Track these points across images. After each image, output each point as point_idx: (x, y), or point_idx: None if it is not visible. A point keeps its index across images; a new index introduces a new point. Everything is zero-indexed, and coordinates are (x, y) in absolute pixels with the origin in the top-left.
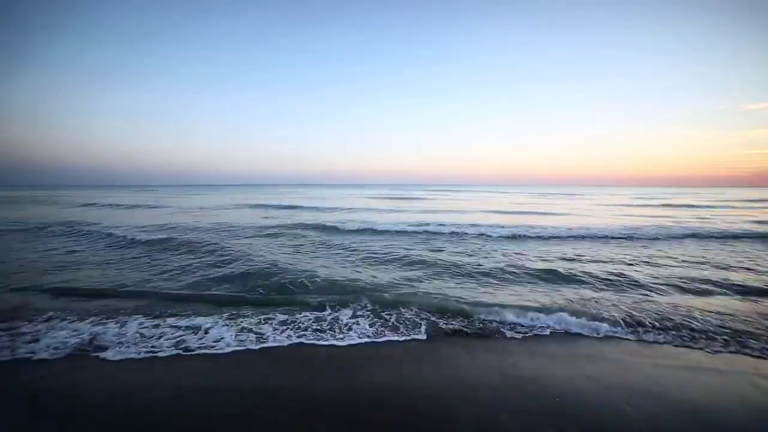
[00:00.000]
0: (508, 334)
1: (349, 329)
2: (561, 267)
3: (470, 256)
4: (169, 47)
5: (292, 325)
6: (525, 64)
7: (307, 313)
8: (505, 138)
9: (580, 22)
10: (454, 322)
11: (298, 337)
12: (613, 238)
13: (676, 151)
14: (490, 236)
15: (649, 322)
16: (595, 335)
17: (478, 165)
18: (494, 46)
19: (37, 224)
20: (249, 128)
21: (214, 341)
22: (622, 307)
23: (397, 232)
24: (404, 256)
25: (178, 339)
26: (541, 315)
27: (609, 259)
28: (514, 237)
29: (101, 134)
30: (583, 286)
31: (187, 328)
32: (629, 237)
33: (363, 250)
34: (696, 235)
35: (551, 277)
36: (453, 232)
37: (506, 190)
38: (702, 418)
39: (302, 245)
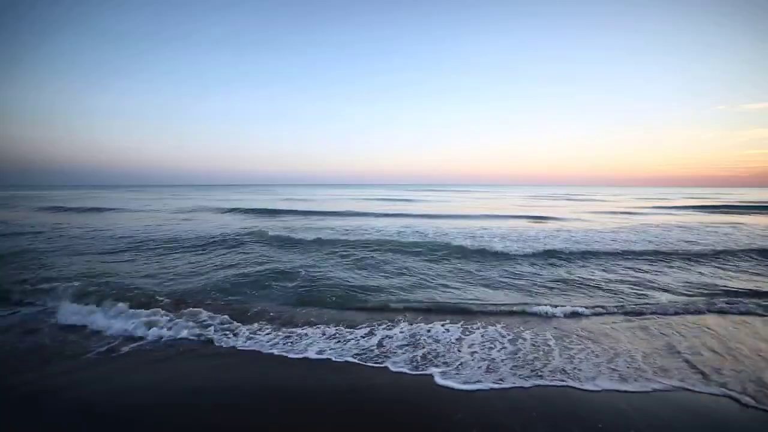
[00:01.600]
0: None
1: None
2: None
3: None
4: (170, 47)
5: None
6: (527, 64)
7: None
8: (509, 138)
9: (580, 22)
10: None
11: None
12: None
13: (675, 151)
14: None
15: None
16: None
17: (485, 165)
18: (496, 46)
19: None
20: (250, 128)
21: None
22: None
23: (364, 241)
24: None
25: None
26: None
27: None
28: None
29: (101, 134)
30: None
31: None
32: None
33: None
34: None
35: None
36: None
37: (512, 190)
38: (702, 418)
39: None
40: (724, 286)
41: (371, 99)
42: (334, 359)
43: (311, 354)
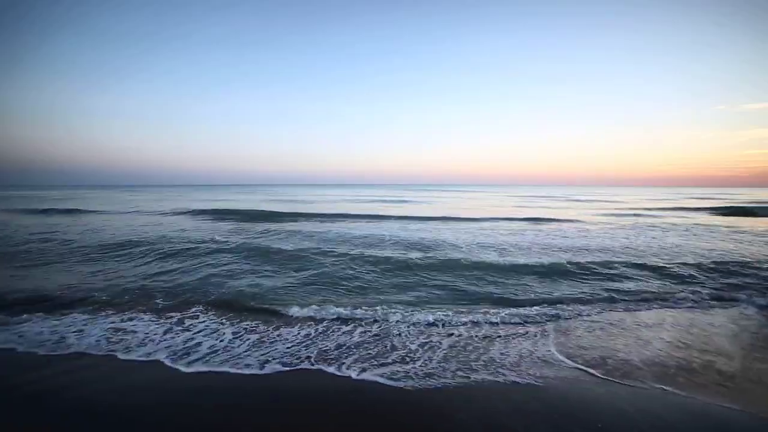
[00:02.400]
0: None
1: None
2: None
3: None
4: (170, 47)
5: None
6: (527, 64)
7: None
8: (509, 137)
9: (580, 22)
10: None
11: None
12: None
13: (675, 151)
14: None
15: None
16: None
17: (485, 164)
18: (496, 46)
19: None
20: (250, 128)
21: None
22: None
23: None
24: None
25: None
26: None
27: None
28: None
29: (101, 134)
30: None
31: None
32: None
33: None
34: None
35: None
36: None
37: (511, 190)
38: (704, 419)
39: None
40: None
41: (371, 99)
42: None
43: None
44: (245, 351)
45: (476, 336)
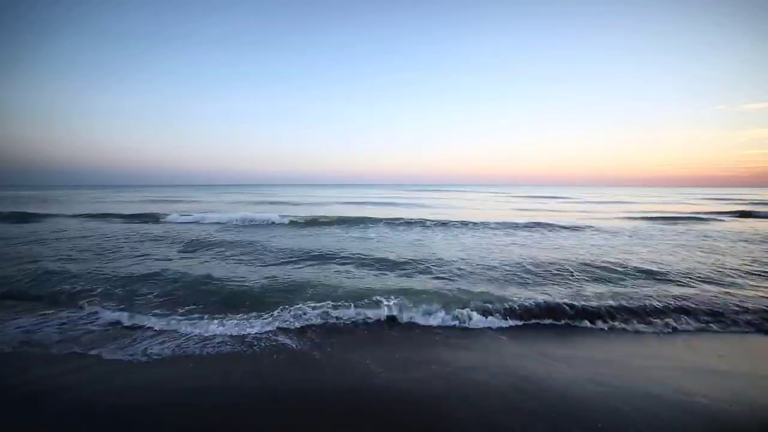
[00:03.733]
0: None
1: None
2: None
3: None
4: (170, 47)
5: None
6: (527, 64)
7: None
8: (509, 137)
9: (580, 22)
10: None
11: None
12: None
13: (675, 151)
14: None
15: None
16: None
17: (485, 165)
18: (496, 46)
19: None
20: (250, 128)
21: None
22: None
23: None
24: None
25: None
26: None
27: None
28: None
29: (101, 134)
30: None
31: None
32: None
33: None
34: None
35: None
36: None
37: (511, 190)
38: (701, 418)
39: None
40: None
41: (371, 99)
42: None
43: None
44: None
45: None
